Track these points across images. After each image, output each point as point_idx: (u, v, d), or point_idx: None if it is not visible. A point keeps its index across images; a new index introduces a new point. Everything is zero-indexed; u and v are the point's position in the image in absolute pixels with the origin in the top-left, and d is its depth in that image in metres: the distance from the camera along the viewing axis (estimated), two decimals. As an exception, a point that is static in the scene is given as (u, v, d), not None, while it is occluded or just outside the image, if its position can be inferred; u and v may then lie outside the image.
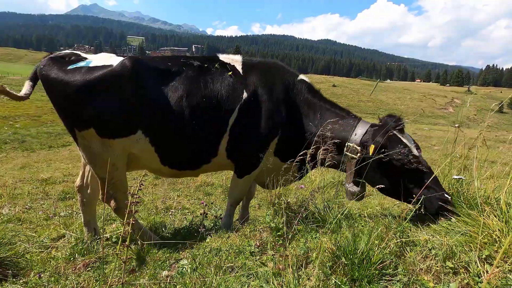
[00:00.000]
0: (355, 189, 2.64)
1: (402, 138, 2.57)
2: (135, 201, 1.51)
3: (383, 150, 2.50)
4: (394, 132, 2.56)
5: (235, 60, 3.07)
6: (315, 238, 2.14)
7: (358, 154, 2.60)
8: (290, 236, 2.16)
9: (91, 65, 2.66)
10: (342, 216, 2.36)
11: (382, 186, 2.52)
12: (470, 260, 1.74)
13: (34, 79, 2.73)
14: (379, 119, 2.80)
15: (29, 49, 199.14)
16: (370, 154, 2.51)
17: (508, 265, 1.65)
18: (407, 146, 2.52)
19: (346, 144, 2.69)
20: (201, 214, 3.67)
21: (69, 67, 2.64)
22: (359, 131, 2.70)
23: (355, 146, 2.63)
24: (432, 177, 2.37)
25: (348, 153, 2.66)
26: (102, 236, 3.09)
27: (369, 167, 2.55)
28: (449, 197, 2.34)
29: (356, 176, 2.67)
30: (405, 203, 2.60)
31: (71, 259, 2.61)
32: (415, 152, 2.52)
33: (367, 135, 2.65)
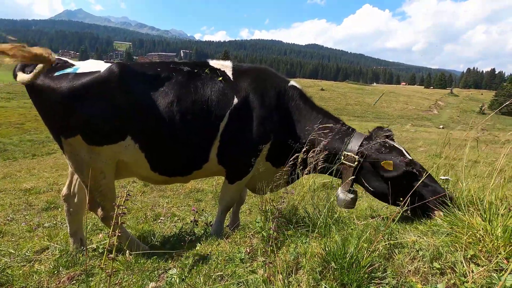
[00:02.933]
0: (348, 196, 2.70)
1: (394, 144, 2.67)
2: (121, 212, 1.47)
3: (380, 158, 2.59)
4: (388, 141, 2.67)
5: (225, 66, 3.07)
6: (305, 243, 2.14)
7: (356, 163, 2.67)
8: (280, 242, 2.16)
9: (78, 71, 2.60)
10: (331, 220, 2.37)
11: (383, 193, 2.62)
12: (456, 260, 1.78)
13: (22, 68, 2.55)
14: (369, 132, 2.88)
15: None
16: (387, 169, 2.57)
17: (493, 264, 1.69)
18: (402, 152, 2.60)
19: (343, 153, 2.74)
20: (191, 221, 3.62)
21: (55, 74, 2.58)
22: (356, 142, 2.77)
23: (353, 155, 2.69)
24: (427, 176, 2.46)
25: (346, 162, 2.71)
26: (87, 247, 3.00)
27: (368, 176, 2.64)
28: (447, 192, 2.42)
29: (353, 184, 2.74)
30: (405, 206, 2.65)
31: (55, 272, 2.52)
32: (407, 155, 2.61)
33: (364, 146, 2.72)
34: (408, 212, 2.53)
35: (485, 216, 1.97)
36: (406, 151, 2.68)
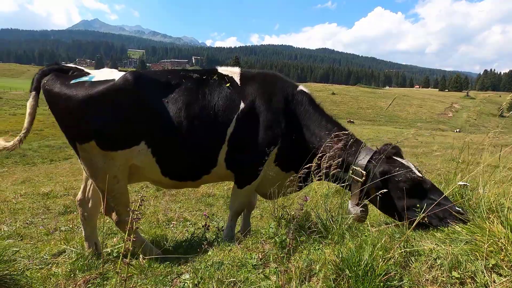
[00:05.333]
0: (357, 210, 2.64)
1: (402, 161, 2.61)
2: (136, 218, 1.50)
3: (386, 175, 2.54)
4: (394, 157, 2.62)
5: (234, 72, 3.11)
6: (318, 249, 2.11)
7: (363, 178, 2.62)
8: (292, 249, 2.13)
9: (93, 79, 2.70)
10: (345, 227, 2.33)
11: (391, 211, 2.55)
12: (476, 269, 1.71)
13: (37, 88, 2.72)
14: (377, 148, 2.83)
15: (31, 64, 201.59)
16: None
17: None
18: (408, 168, 2.54)
19: (351, 167, 2.70)
20: (203, 226, 3.64)
21: (72, 82, 2.68)
22: (365, 156, 2.72)
23: (361, 170, 2.65)
24: (437, 192, 2.39)
25: (353, 176, 2.68)
26: (102, 251, 3.05)
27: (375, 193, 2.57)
28: (460, 209, 2.29)
29: (360, 199, 2.68)
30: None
31: (72, 275, 2.58)
32: (417, 172, 2.53)
33: (373, 161, 2.67)
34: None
35: (507, 223, 1.89)
36: (416, 168, 2.61)
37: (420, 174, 2.54)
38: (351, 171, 2.70)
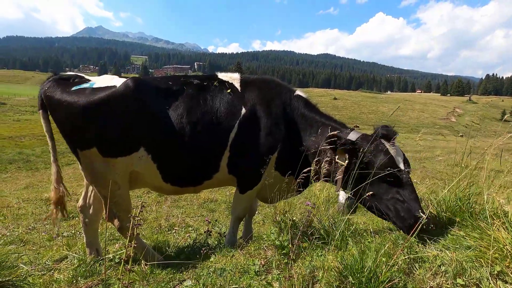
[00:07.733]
0: (345, 201, 2.60)
1: (387, 147, 2.53)
2: (137, 223, 1.50)
3: (366, 157, 2.50)
4: (381, 140, 2.56)
5: (233, 78, 3.15)
6: (321, 256, 2.09)
7: (346, 161, 2.59)
8: (295, 255, 2.12)
9: (94, 86, 2.72)
10: (348, 233, 2.31)
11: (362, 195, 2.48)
12: (481, 276, 1.69)
13: (44, 105, 2.76)
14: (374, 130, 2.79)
15: (35, 71, 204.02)
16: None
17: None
18: (390, 156, 2.47)
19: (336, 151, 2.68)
20: (205, 232, 3.63)
21: (73, 88, 2.70)
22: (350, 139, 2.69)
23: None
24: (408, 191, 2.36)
25: (338, 160, 2.66)
26: (105, 257, 3.04)
27: (352, 176, 2.54)
28: (423, 215, 2.20)
29: (344, 186, 2.63)
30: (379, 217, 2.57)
31: (74, 281, 2.57)
32: (398, 164, 2.46)
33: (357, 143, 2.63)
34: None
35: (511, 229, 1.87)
36: (404, 158, 2.52)
37: (402, 167, 2.45)
38: (336, 156, 2.66)
